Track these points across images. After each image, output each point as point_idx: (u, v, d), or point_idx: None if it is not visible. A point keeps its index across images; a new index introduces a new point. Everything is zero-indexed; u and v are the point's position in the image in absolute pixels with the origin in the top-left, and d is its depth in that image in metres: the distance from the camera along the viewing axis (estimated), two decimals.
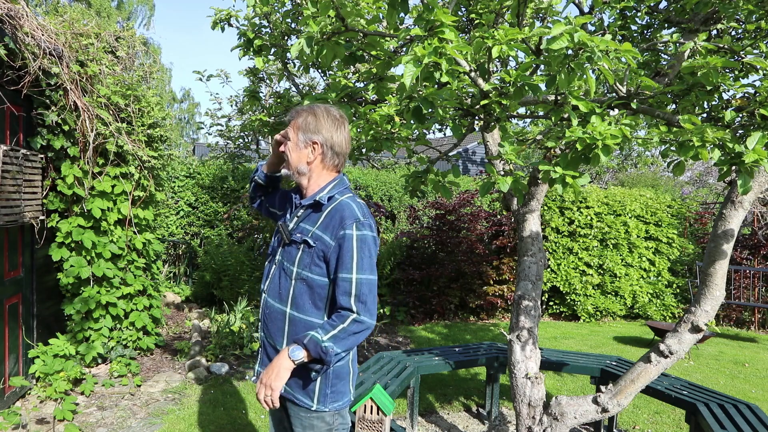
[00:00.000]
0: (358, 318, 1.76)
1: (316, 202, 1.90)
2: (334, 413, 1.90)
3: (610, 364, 4.03)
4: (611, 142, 1.97)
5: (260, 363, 2.02)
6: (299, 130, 1.91)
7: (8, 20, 3.30)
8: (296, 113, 1.95)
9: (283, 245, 1.94)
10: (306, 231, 1.88)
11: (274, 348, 1.93)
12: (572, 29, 1.78)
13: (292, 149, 1.93)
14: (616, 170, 18.00)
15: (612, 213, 8.46)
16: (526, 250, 3.45)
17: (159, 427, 3.80)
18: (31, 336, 4.24)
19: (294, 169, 1.94)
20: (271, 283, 1.95)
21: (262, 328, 1.98)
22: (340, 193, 1.91)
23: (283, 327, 1.89)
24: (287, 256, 1.91)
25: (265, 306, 1.96)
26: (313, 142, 1.90)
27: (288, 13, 2.98)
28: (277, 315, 1.90)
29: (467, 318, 8.03)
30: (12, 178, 3.63)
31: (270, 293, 1.95)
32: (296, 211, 1.97)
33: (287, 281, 1.89)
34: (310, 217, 1.91)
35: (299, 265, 1.86)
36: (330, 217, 1.85)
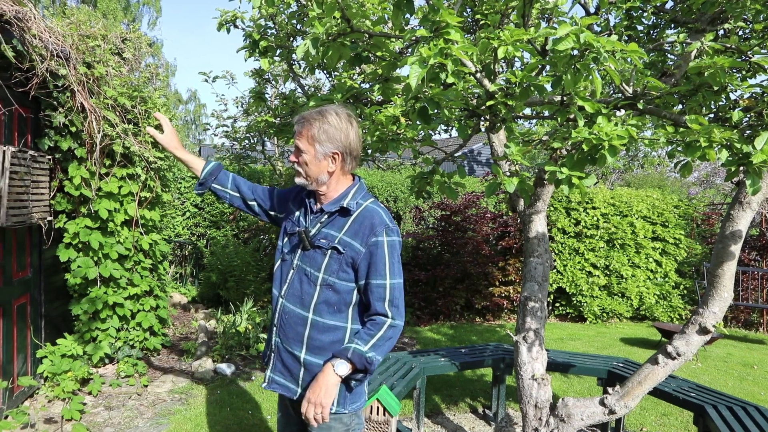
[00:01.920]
0: (392, 323, 1.81)
1: (343, 208, 1.88)
2: (352, 414, 1.90)
3: (617, 366, 4.01)
4: (618, 143, 1.96)
5: (273, 369, 1.97)
6: (315, 141, 1.85)
7: (16, 22, 3.32)
8: (306, 122, 1.87)
9: (303, 249, 1.90)
10: (332, 237, 1.86)
11: (290, 353, 1.90)
12: (578, 30, 1.77)
13: (310, 162, 1.87)
14: (622, 171, 17.92)
15: (618, 214, 8.43)
16: (532, 251, 3.44)
17: (166, 427, 3.81)
18: (39, 336, 4.26)
19: (314, 180, 1.90)
20: (291, 288, 1.91)
21: (278, 334, 1.94)
22: (363, 198, 1.91)
23: (303, 333, 1.87)
24: (310, 261, 1.88)
25: (282, 311, 1.93)
26: (333, 153, 1.86)
27: (293, 15, 2.98)
28: (297, 320, 1.88)
29: (473, 319, 8.02)
30: (20, 180, 3.66)
31: (289, 298, 1.91)
32: (317, 216, 1.93)
33: (311, 287, 1.87)
34: (334, 223, 1.88)
35: (326, 271, 1.84)
36: (359, 223, 1.84)
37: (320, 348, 1.86)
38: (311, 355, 1.87)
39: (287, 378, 1.93)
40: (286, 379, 1.93)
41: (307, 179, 1.90)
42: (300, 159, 1.88)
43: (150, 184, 4.81)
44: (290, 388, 1.92)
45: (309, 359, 1.87)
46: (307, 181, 1.91)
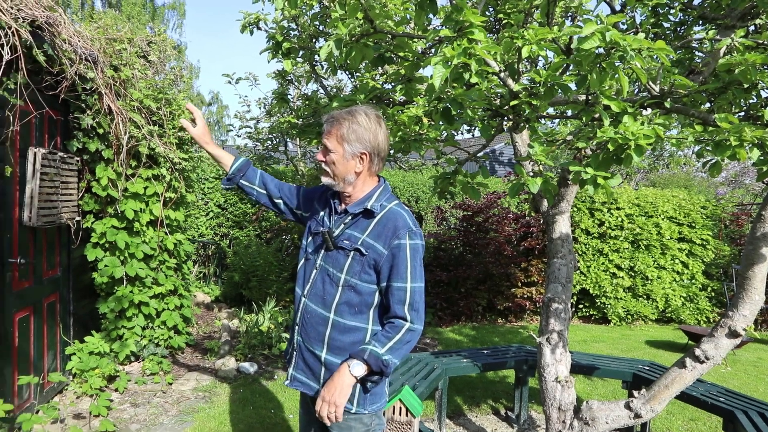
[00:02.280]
0: (411, 327, 1.80)
1: (367, 210, 1.88)
2: (372, 415, 1.91)
3: (643, 369, 3.95)
4: (644, 143, 1.93)
5: (295, 367, 1.99)
6: (344, 141, 1.85)
7: (47, 28, 3.40)
8: (336, 121, 1.87)
9: (326, 250, 1.91)
10: (355, 238, 1.86)
11: (311, 352, 1.92)
12: (604, 28, 1.75)
13: (337, 161, 1.87)
14: (647, 171, 17.63)
15: (643, 214, 8.29)
16: (555, 251, 3.40)
17: (190, 425, 3.86)
18: (68, 333, 4.35)
19: (340, 179, 1.89)
20: (313, 288, 1.93)
21: (300, 333, 1.96)
22: (387, 200, 1.91)
23: (323, 332, 1.88)
24: (333, 262, 1.89)
25: (305, 310, 1.94)
26: (361, 153, 1.86)
27: (316, 16, 3.00)
28: (318, 320, 1.89)
29: (495, 320, 7.96)
30: (50, 180, 3.74)
31: (311, 298, 1.92)
32: (341, 217, 1.93)
33: (333, 287, 1.87)
34: (358, 224, 1.89)
35: (348, 272, 1.85)
36: (382, 225, 1.85)
37: (341, 348, 1.87)
38: (332, 355, 1.88)
39: (309, 376, 1.95)
40: (308, 378, 1.95)
41: (334, 179, 1.90)
42: (327, 158, 1.88)
43: (174, 185, 4.88)
44: (311, 386, 1.94)
45: (329, 359, 1.88)
46: (334, 180, 1.90)
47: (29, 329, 3.73)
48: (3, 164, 3.24)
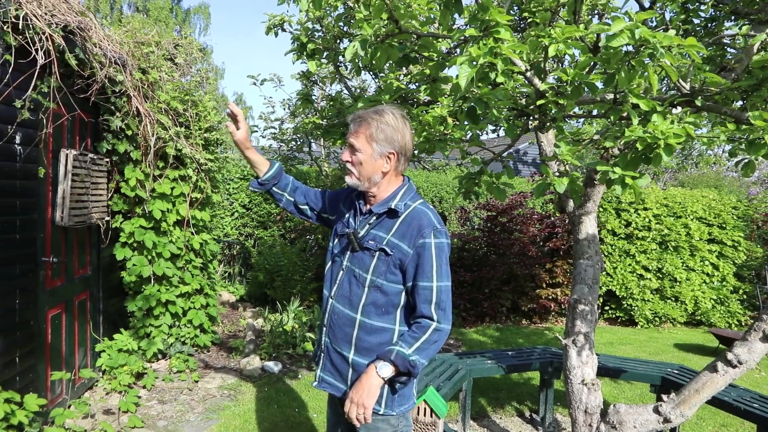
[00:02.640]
0: (438, 326, 1.79)
1: (391, 210, 1.87)
2: (399, 416, 1.90)
3: (672, 372, 3.87)
4: (674, 142, 1.89)
5: (323, 368, 1.99)
6: (372, 140, 1.84)
7: (79, 32, 3.47)
8: (363, 121, 1.86)
9: (352, 251, 1.91)
10: (380, 239, 1.86)
11: (338, 353, 1.92)
12: (633, 25, 1.72)
13: (365, 161, 1.86)
14: (675, 170, 17.28)
15: (672, 215, 8.13)
16: (582, 252, 3.36)
17: (216, 422, 3.91)
18: (98, 331, 4.45)
19: (366, 179, 1.88)
20: (340, 289, 1.93)
21: (327, 334, 1.96)
22: (411, 200, 1.90)
23: (351, 333, 1.88)
24: (359, 263, 1.89)
25: (332, 312, 1.94)
26: (389, 153, 1.86)
27: (340, 17, 3.01)
28: (345, 321, 1.90)
29: (519, 321, 7.89)
30: (80, 181, 3.83)
31: (338, 299, 1.92)
32: (366, 218, 1.93)
33: (359, 288, 1.87)
34: (382, 224, 1.89)
35: (374, 272, 1.85)
36: (407, 225, 1.84)
37: (368, 349, 1.87)
38: (359, 356, 1.88)
39: (336, 377, 1.95)
40: (335, 379, 1.95)
41: (359, 179, 1.89)
42: (354, 158, 1.87)
43: (200, 185, 4.95)
44: (339, 388, 1.94)
45: (357, 360, 1.88)
46: (359, 181, 1.89)
47: (61, 326, 3.82)
48: (36, 165, 3.33)
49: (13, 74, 3.00)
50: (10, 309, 3.09)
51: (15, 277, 3.13)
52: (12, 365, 3.11)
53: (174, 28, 22.34)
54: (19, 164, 3.14)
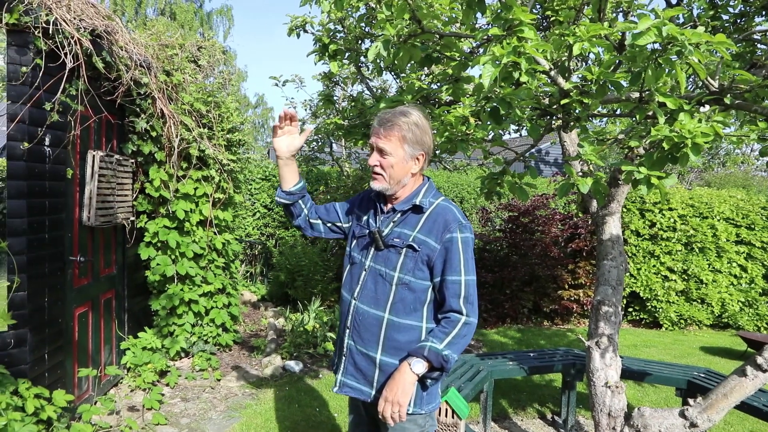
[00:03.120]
0: (467, 320, 1.81)
1: (415, 206, 1.89)
2: (426, 415, 1.90)
3: (698, 376, 3.80)
4: (701, 141, 1.86)
5: (345, 372, 1.97)
6: (405, 142, 1.84)
7: (106, 36, 3.54)
8: (392, 123, 1.84)
9: (376, 250, 1.91)
10: (405, 236, 1.86)
11: (364, 355, 1.90)
12: (660, 23, 1.69)
13: (396, 164, 1.86)
14: (701, 170, 16.96)
15: (698, 215, 7.97)
16: (606, 253, 3.32)
17: (237, 420, 3.95)
18: (123, 329, 4.53)
19: (396, 182, 1.88)
20: (364, 289, 1.91)
21: (351, 336, 1.94)
22: (434, 197, 1.92)
23: (378, 333, 1.87)
24: (384, 261, 1.88)
25: (356, 313, 1.92)
26: (419, 154, 1.88)
27: (362, 18, 3.01)
28: (372, 321, 1.88)
29: (541, 322, 7.82)
30: (107, 182, 3.90)
31: (363, 300, 1.91)
32: (389, 216, 1.93)
33: (386, 286, 1.87)
34: (406, 222, 1.89)
35: (402, 270, 1.85)
36: (432, 221, 1.85)
37: (396, 348, 1.86)
38: (387, 356, 1.87)
39: (360, 381, 1.93)
40: (359, 382, 1.93)
41: (389, 183, 1.88)
42: (384, 161, 1.86)
43: (223, 186, 5.00)
44: (363, 391, 1.92)
45: (385, 359, 1.87)
46: (388, 184, 1.89)
47: (88, 324, 3.89)
48: (65, 167, 3.40)
49: (44, 78, 3.07)
50: (39, 307, 3.16)
51: (44, 275, 3.20)
52: (41, 362, 3.18)
53: (197, 30, 22.64)
54: (49, 165, 3.21)
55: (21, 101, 2.96)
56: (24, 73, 2.96)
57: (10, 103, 2.96)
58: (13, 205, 2.99)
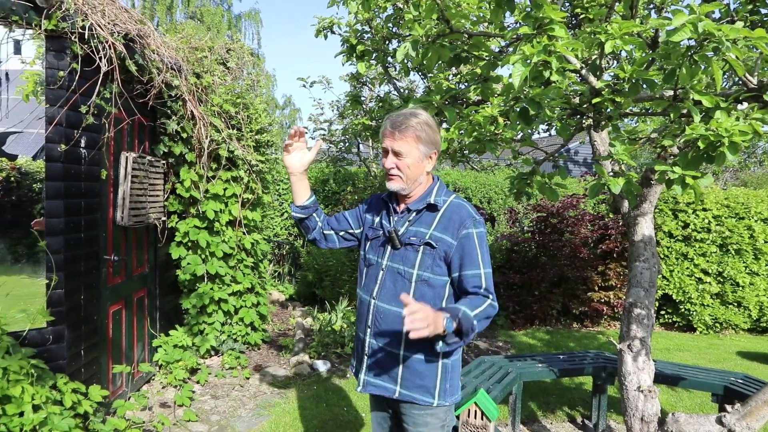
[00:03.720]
0: (492, 303, 1.84)
1: (430, 205, 1.93)
2: (447, 409, 1.94)
3: (736, 382, 3.69)
4: (739, 139, 1.81)
5: (367, 371, 2.00)
6: (420, 142, 1.88)
7: (138, 40, 3.62)
8: (405, 125, 1.87)
9: (393, 248, 1.94)
10: (422, 234, 1.90)
11: (387, 353, 1.94)
12: (696, 18, 1.65)
13: (412, 165, 1.90)
14: (736, 169, 16.49)
15: (734, 216, 7.74)
16: (638, 255, 3.25)
17: (266, 418, 3.99)
18: (155, 327, 4.62)
19: (412, 181, 1.93)
20: (383, 288, 1.95)
21: (372, 335, 1.97)
22: (446, 195, 1.97)
23: (400, 329, 1.89)
24: (402, 259, 1.92)
25: (376, 312, 1.95)
26: (433, 152, 1.93)
27: (389, 18, 3.01)
28: (393, 319, 1.91)
29: (570, 324, 7.70)
30: (139, 183, 3.98)
31: (383, 298, 1.94)
32: (404, 216, 1.98)
33: (405, 283, 1.90)
34: (421, 220, 1.94)
35: (420, 267, 1.89)
36: (447, 218, 1.90)
37: (418, 344, 1.86)
38: (410, 352, 1.91)
39: (384, 378, 1.97)
40: (383, 380, 1.97)
41: (405, 183, 1.93)
42: (401, 163, 1.90)
43: (252, 186, 5.06)
44: (387, 388, 1.96)
45: (408, 354, 1.91)
46: (405, 184, 1.93)
47: (121, 322, 3.98)
48: (99, 168, 3.49)
49: (79, 81, 3.15)
50: (76, 304, 3.25)
51: (80, 273, 3.29)
52: (78, 357, 3.27)
53: (225, 33, 22.97)
54: (84, 167, 3.30)
55: (58, 104, 3.05)
56: (61, 77, 3.05)
57: (48, 107, 3.05)
58: (51, 205, 3.08)
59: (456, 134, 2.44)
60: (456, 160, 2.82)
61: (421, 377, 1.91)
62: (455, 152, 2.67)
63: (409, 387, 1.92)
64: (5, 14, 2.86)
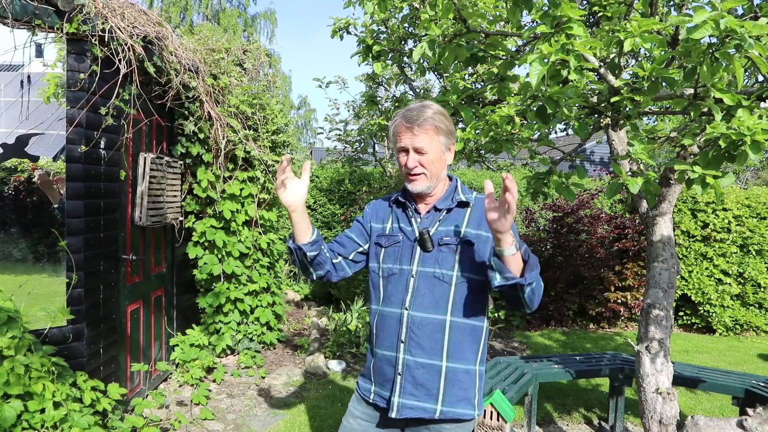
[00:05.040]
0: None
1: (461, 202, 1.84)
2: (473, 422, 1.85)
3: (758, 385, 3.63)
4: (762, 138, 1.77)
5: (402, 393, 1.79)
6: (439, 134, 1.77)
7: (157, 42, 3.66)
8: (425, 118, 1.75)
9: (425, 251, 1.80)
10: (456, 232, 1.80)
11: (427, 367, 1.78)
12: (718, 15, 1.62)
13: (435, 159, 1.79)
14: (758, 168, 16.23)
15: (755, 216, 7.62)
16: (656, 255, 3.21)
17: (282, 417, 4.01)
18: (172, 326, 4.66)
19: (436, 177, 1.82)
20: (417, 297, 1.79)
21: (408, 350, 1.79)
22: (469, 191, 1.89)
23: (442, 338, 1.78)
24: (438, 262, 1.79)
25: (411, 324, 1.79)
26: (451, 143, 1.83)
27: (405, 18, 3.02)
28: (433, 327, 1.78)
29: (586, 325, 7.64)
30: (157, 183, 4.03)
31: (419, 307, 1.79)
32: (432, 216, 1.85)
33: (445, 287, 1.78)
34: (449, 219, 1.83)
35: (460, 267, 1.77)
36: (478, 214, 1.81)
37: (461, 351, 1.79)
38: (453, 362, 1.79)
39: (422, 398, 1.79)
40: (421, 400, 1.79)
41: (430, 180, 1.80)
42: (424, 159, 1.77)
43: (268, 186, 5.09)
44: (427, 408, 1.78)
45: (451, 365, 1.79)
46: (430, 182, 1.80)
47: (139, 320, 4.03)
48: (118, 168, 3.53)
49: (99, 83, 3.20)
50: (95, 303, 3.29)
51: (99, 273, 3.34)
52: (97, 355, 3.31)
53: (241, 34, 23.13)
54: (104, 167, 3.34)
55: (79, 106, 3.09)
56: (82, 79, 3.10)
57: (68, 108, 3.10)
58: (71, 205, 3.13)
59: (472, 134, 2.43)
60: (472, 160, 2.81)
61: (464, 389, 1.79)
62: (471, 152, 2.65)
63: (452, 402, 1.78)
64: (28, 18, 2.91)
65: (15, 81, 9.74)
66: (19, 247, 8.74)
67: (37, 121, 4.01)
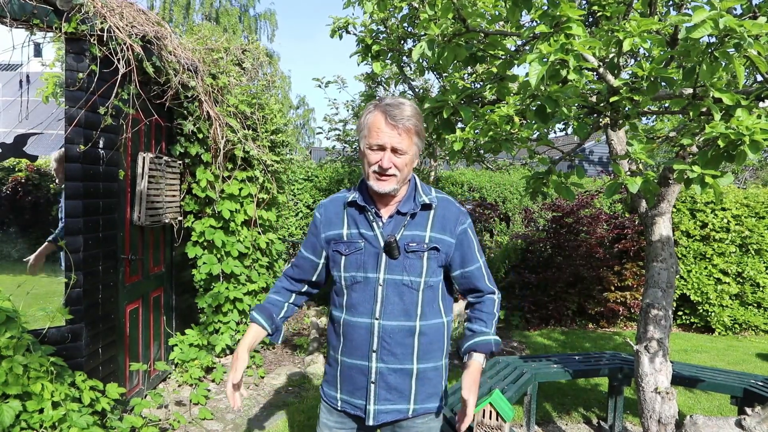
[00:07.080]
0: (497, 296, 1.92)
1: (425, 205, 1.79)
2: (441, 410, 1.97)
3: (756, 384, 3.64)
4: (761, 138, 1.78)
5: (376, 400, 1.79)
6: (419, 136, 1.73)
7: (156, 41, 3.66)
8: (408, 117, 1.68)
9: (392, 258, 1.74)
10: (420, 237, 1.76)
11: (399, 372, 1.79)
12: (717, 14, 1.62)
13: (409, 162, 1.73)
14: (756, 168, 16.26)
15: (754, 215, 7.63)
16: (655, 255, 3.21)
17: (281, 417, 4.01)
18: (171, 326, 4.66)
19: (404, 180, 1.76)
20: (388, 305, 1.76)
21: (380, 359, 1.77)
22: (430, 191, 1.84)
23: (413, 343, 1.79)
24: (406, 269, 1.75)
25: (382, 333, 1.76)
26: (422, 146, 1.80)
27: (405, 18, 3.01)
28: (404, 335, 1.78)
29: (586, 325, 7.64)
30: (156, 183, 4.02)
31: (390, 316, 1.76)
32: (395, 220, 1.78)
33: (413, 294, 1.77)
34: (413, 223, 1.78)
35: (427, 273, 1.77)
36: (441, 217, 1.80)
37: (428, 351, 1.83)
38: (423, 362, 1.82)
39: (395, 401, 1.81)
40: (395, 403, 1.81)
41: (398, 183, 1.74)
42: (399, 161, 1.70)
43: (267, 186, 5.09)
44: (401, 410, 1.82)
45: (422, 367, 1.82)
46: (397, 185, 1.74)
47: (138, 320, 4.03)
48: (117, 168, 3.53)
49: (98, 83, 3.19)
50: (94, 303, 3.29)
51: (98, 273, 3.33)
52: (95, 355, 3.31)
53: (241, 34, 23.12)
54: (103, 167, 3.34)
55: (77, 105, 3.09)
56: (80, 78, 3.09)
57: (67, 108, 3.09)
58: (71, 205, 3.12)
59: (471, 134, 2.43)
60: (471, 159, 2.80)
61: (432, 385, 1.85)
62: (470, 152, 2.65)
63: (423, 399, 1.83)
64: (26, 17, 2.91)
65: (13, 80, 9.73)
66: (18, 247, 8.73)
67: (36, 120, 4.01)
